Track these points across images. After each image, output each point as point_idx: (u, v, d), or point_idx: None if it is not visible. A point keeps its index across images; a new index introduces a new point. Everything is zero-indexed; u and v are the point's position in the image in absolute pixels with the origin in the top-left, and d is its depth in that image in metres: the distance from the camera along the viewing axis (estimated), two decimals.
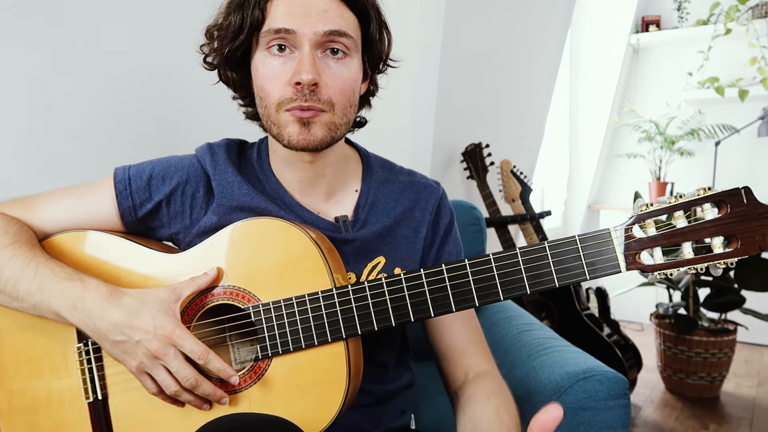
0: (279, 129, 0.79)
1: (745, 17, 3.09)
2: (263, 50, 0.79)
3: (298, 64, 0.76)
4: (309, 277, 0.76)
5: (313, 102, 0.77)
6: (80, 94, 1.19)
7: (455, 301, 0.73)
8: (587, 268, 0.70)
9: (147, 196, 0.86)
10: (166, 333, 0.72)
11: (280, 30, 0.76)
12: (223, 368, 0.74)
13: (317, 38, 0.76)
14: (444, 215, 0.94)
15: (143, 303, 0.74)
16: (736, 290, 2.44)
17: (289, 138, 0.79)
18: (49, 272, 0.76)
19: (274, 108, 0.79)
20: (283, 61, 0.78)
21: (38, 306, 0.76)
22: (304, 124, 0.78)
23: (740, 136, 3.22)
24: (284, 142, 0.80)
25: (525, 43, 2.37)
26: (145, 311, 0.73)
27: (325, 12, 0.76)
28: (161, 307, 0.74)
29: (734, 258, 0.66)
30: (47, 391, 0.81)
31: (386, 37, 0.86)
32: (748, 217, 0.66)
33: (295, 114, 0.78)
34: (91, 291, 0.74)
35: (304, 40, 0.76)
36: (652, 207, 0.69)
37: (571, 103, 3.78)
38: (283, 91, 0.77)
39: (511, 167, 2.28)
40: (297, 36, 0.76)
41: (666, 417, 2.37)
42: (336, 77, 0.78)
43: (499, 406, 0.79)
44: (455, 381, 0.89)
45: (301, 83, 0.75)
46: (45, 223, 0.85)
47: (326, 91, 0.78)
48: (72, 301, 0.74)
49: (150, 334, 0.72)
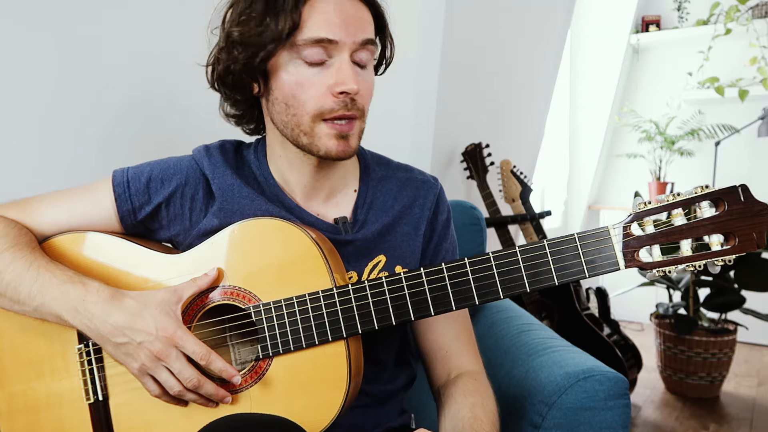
0: (312, 139, 0.78)
1: (745, 17, 3.09)
2: (295, 58, 0.76)
3: (339, 74, 0.75)
4: (309, 276, 0.76)
5: (354, 110, 0.77)
6: (77, 95, 1.19)
7: (455, 299, 0.73)
8: (586, 266, 0.70)
9: (146, 198, 0.86)
10: (168, 334, 0.72)
11: (323, 40, 0.74)
12: (225, 368, 0.74)
13: (356, 47, 0.76)
14: (442, 211, 0.94)
15: (145, 305, 0.74)
16: (736, 290, 2.44)
17: (327, 150, 0.78)
18: (50, 275, 0.76)
19: (310, 118, 0.77)
20: (319, 70, 0.76)
21: (39, 309, 0.76)
22: (343, 137, 0.78)
23: (740, 136, 3.22)
24: (319, 152, 0.79)
25: (525, 43, 2.37)
26: (147, 313, 0.73)
27: (360, 19, 0.76)
28: (163, 308, 0.74)
29: (732, 255, 0.67)
30: (48, 392, 0.81)
31: (391, 42, 0.87)
32: (745, 215, 0.67)
33: (336, 127, 0.77)
34: (93, 294, 0.74)
35: (344, 49, 0.75)
36: (651, 205, 0.69)
37: (571, 103, 3.78)
38: (322, 100, 0.76)
39: (511, 167, 2.28)
40: (338, 45, 0.75)
41: (666, 417, 2.37)
42: (366, 84, 0.79)
43: (476, 404, 0.79)
44: (438, 380, 0.90)
45: (345, 93, 0.75)
46: (43, 225, 0.85)
47: (361, 99, 0.78)
48: (73, 304, 0.74)
49: (152, 336, 0.72)
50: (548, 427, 0.87)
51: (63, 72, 1.16)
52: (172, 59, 1.31)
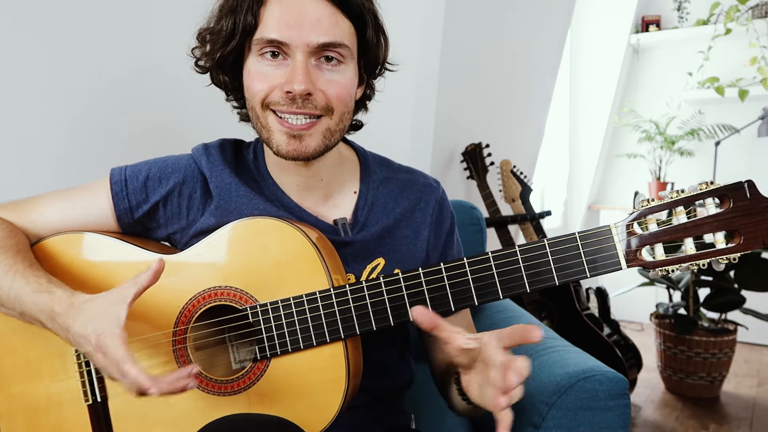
0: (269, 134, 0.79)
1: (745, 17, 3.09)
2: (255, 55, 0.78)
3: (290, 73, 0.75)
4: (306, 277, 0.76)
5: (308, 109, 0.76)
6: (75, 94, 1.19)
7: (454, 300, 0.73)
8: (587, 266, 0.69)
9: (144, 197, 0.85)
10: (99, 343, 0.66)
11: (273, 41, 0.75)
12: (137, 380, 0.64)
13: (310, 49, 0.75)
14: (446, 217, 0.94)
15: (90, 313, 0.69)
16: (736, 290, 2.43)
17: (278, 146, 0.78)
18: (24, 283, 0.73)
19: (259, 107, 0.78)
20: (276, 66, 0.77)
21: (24, 314, 0.74)
22: (294, 137, 0.77)
23: (740, 136, 3.22)
24: (273, 149, 0.79)
25: (525, 43, 2.36)
26: (89, 321, 0.68)
27: (319, 21, 0.75)
28: (104, 313, 0.68)
29: (737, 253, 0.65)
30: (47, 393, 0.81)
31: (383, 42, 0.85)
32: (751, 212, 0.65)
33: (284, 125, 0.77)
34: (57, 304, 0.71)
35: (297, 51, 0.75)
36: (654, 203, 0.68)
37: (571, 103, 3.78)
38: (271, 94, 0.77)
39: (511, 167, 2.28)
40: (290, 47, 0.75)
41: (666, 417, 2.37)
42: (331, 83, 0.78)
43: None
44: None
45: (292, 92, 0.75)
46: (38, 225, 0.84)
47: (322, 97, 0.77)
48: (47, 313, 0.71)
49: (91, 346, 0.67)
50: (548, 427, 0.87)
51: (62, 73, 1.16)
52: (171, 59, 1.31)
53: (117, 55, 1.24)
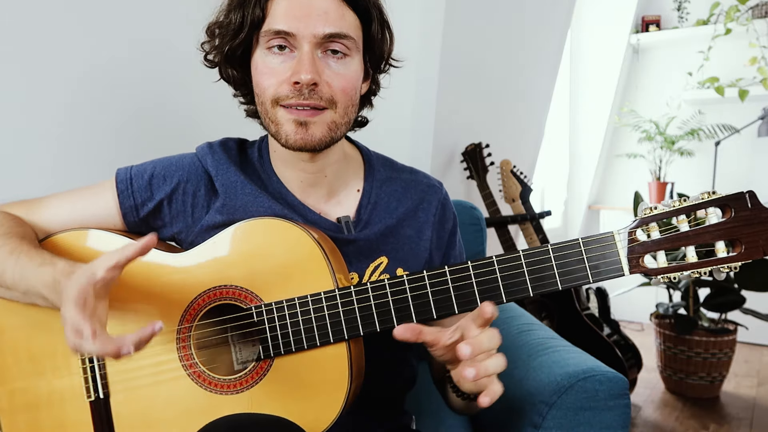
0: (277, 127, 0.80)
1: (745, 17, 3.09)
2: (263, 48, 0.79)
3: (297, 64, 0.76)
4: (311, 277, 0.76)
5: (314, 100, 0.77)
6: (82, 96, 1.19)
7: (458, 303, 0.73)
8: (590, 272, 0.70)
9: (148, 195, 0.86)
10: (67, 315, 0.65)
11: (280, 32, 0.76)
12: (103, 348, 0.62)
13: (317, 40, 0.76)
14: (448, 218, 0.94)
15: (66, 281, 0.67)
16: (736, 290, 2.44)
17: (286, 137, 0.79)
18: (28, 260, 0.75)
19: (270, 104, 0.79)
20: (283, 60, 0.78)
21: (28, 292, 0.75)
22: (301, 124, 0.78)
23: (740, 136, 3.22)
24: (281, 141, 0.80)
25: (525, 43, 2.37)
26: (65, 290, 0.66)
27: (325, 13, 0.76)
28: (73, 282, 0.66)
29: (738, 262, 0.66)
30: (48, 389, 0.81)
31: (388, 37, 0.86)
32: (752, 222, 0.66)
33: (292, 113, 0.78)
34: (59, 272, 0.71)
35: (303, 42, 0.76)
36: (656, 210, 0.68)
37: (571, 103, 3.78)
38: (279, 88, 0.78)
39: (511, 167, 2.28)
40: (297, 38, 0.76)
41: (666, 417, 2.37)
42: (337, 76, 0.79)
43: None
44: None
45: (299, 83, 0.76)
46: (45, 221, 0.85)
47: (327, 89, 0.78)
48: (50, 285, 0.72)
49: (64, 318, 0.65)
50: (548, 427, 0.87)
51: (69, 73, 1.16)
52: (177, 58, 1.31)
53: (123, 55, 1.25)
